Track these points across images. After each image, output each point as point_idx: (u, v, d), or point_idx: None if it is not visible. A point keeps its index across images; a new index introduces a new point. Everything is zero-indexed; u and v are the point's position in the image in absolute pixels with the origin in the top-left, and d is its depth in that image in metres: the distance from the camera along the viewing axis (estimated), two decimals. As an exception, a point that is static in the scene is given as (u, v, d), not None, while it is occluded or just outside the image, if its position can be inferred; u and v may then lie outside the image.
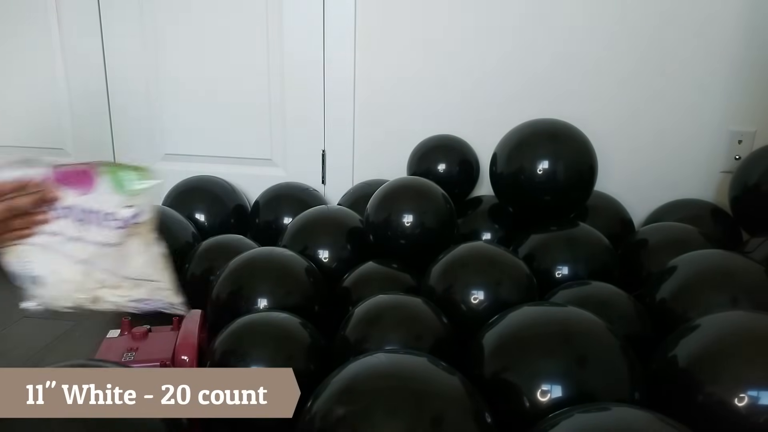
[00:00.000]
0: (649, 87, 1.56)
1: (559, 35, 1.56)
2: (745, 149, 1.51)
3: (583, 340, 0.77)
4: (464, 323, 1.02)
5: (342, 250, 1.32)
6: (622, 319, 0.96)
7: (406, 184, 1.34)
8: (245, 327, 0.96)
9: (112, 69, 1.77)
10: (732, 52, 1.50)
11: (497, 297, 1.04)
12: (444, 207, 1.31)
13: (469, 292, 1.05)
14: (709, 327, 0.79)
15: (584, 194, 1.39)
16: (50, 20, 1.74)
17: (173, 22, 1.71)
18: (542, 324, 0.80)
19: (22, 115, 1.84)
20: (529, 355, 0.77)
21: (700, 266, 1.02)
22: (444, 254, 1.14)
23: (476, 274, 1.07)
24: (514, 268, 1.09)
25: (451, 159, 1.58)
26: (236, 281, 1.12)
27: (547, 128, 1.40)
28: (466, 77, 1.63)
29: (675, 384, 0.76)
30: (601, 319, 0.80)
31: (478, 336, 0.85)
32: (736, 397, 0.69)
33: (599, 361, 0.75)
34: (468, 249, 1.13)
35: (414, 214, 1.26)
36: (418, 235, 1.26)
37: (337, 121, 1.72)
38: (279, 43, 1.68)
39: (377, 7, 1.62)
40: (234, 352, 0.93)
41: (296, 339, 0.96)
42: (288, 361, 0.91)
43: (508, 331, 0.82)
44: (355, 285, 1.18)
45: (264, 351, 0.93)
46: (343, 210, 1.44)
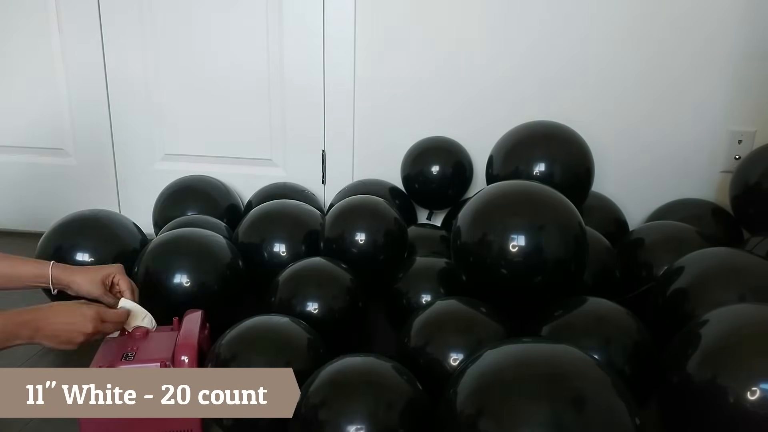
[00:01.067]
0: (649, 88, 1.55)
1: (556, 37, 1.56)
2: (745, 149, 1.51)
3: (572, 382, 0.66)
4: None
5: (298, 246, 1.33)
6: (622, 334, 0.94)
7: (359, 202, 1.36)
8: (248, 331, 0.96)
9: (112, 69, 1.77)
10: (732, 52, 1.50)
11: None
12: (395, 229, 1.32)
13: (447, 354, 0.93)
14: (719, 321, 0.79)
15: (581, 196, 1.39)
16: (50, 21, 1.74)
17: (173, 24, 1.71)
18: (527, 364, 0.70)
19: (22, 116, 1.83)
20: (512, 398, 0.66)
21: (709, 263, 1.02)
22: (420, 312, 1.03)
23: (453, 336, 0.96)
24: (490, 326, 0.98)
25: (445, 160, 1.58)
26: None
27: (544, 130, 1.40)
28: (463, 79, 1.63)
29: (689, 381, 0.76)
30: (589, 356, 0.71)
31: (452, 376, 0.75)
32: (749, 390, 0.69)
33: (592, 405, 0.65)
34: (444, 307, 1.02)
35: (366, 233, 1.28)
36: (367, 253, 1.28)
37: (337, 121, 1.72)
38: (279, 44, 1.68)
39: (377, 9, 1.62)
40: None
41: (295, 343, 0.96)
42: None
43: (489, 372, 0.70)
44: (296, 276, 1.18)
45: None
46: (305, 207, 1.44)
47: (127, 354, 0.95)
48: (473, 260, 1.05)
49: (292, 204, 1.44)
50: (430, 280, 1.18)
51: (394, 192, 1.63)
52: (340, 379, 0.81)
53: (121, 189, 1.87)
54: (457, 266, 1.12)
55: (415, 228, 1.47)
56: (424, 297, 1.15)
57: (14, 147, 1.86)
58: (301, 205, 1.44)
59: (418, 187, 1.61)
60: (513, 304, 1.06)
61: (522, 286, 1.03)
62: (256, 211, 1.41)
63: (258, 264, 1.31)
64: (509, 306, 1.05)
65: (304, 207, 1.43)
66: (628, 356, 0.92)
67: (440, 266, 1.20)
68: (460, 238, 1.08)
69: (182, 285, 1.16)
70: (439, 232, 1.46)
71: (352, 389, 0.79)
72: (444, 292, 1.15)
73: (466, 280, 1.09)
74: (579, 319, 0.96)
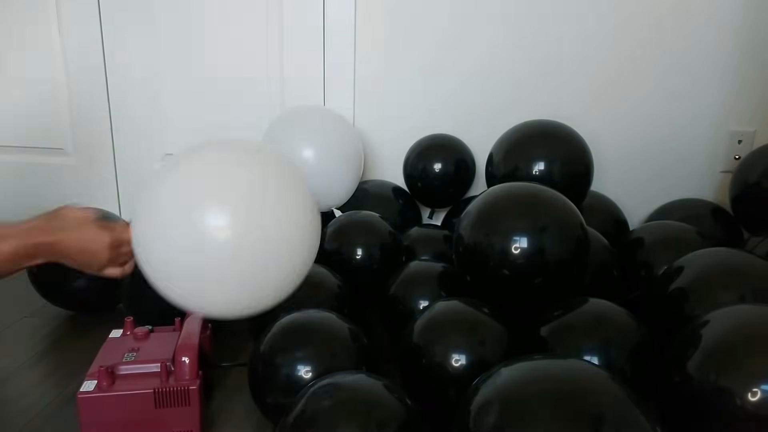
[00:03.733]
0: (649, 87, 1.55)
1: (557, 35, 1.56)
2: (745, 149, 1.52)
3: (591, 398, 0.64)
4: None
5: None
6: (622, 334, 0.94)
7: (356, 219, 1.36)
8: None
9: (112, 69, 1.77)
10: (732, 52, 1.50)
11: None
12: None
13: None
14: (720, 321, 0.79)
15: (580, 195, 1.39)
16: (50, 20, 1.74)
17: (174, 23, 1.71)
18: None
19: (22, 115, 1.83)
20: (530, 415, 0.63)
21: (709, 263, 1.02)
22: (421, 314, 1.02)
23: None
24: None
25: (447, 158, 1.58)
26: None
27: (544, 129, 1.40)
28: (465, 77, 1.63)
29: (689, 382, 0.76)
30: (604, 370, 0.70)
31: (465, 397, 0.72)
32: (750, 391, 0.69)
33: (613, 421, 0.62)
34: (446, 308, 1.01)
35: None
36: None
37: (338, 121, 1.72)
38: (279, 44, 1.68)
39: (376, 8, 1.62)
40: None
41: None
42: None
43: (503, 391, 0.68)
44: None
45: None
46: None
47: (129, 354, 0.96)
48: (476, 262, 1.06)
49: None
50: (426, 284, 1.17)
51: (397, 192, 1.63)
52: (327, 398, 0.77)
53: (121, 189, 1.87)
54: (460, 269, 1.13)
55: (418, 229, 1.47)
56: (420, 302, 1.14)
57: (14, 147, 1.86)
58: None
59: (420, 186, 1.61)
60: (514, 305, 1.06)
61: (524, 287, 1.03)
62: None
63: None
64: (510, 307, 1.05)
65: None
66: (628, 357, 0.91)
67: (437, 270, 1.20)
68: (462, 241, 1.08)
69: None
70: (442, 232, 1.46)
71: (340, 409, 0.76)
72: (441, 295, 1.14)
73: (470, 281, 1.10)
74: (579, 320, 0.96)
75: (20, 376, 1.13)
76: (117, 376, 0.92)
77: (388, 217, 1.43)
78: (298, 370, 0.89)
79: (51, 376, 1.14)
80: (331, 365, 0.89)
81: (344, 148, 1.54)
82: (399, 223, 1.52)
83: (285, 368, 0.90)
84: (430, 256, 1.37)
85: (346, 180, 1.54)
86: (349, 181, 1.55)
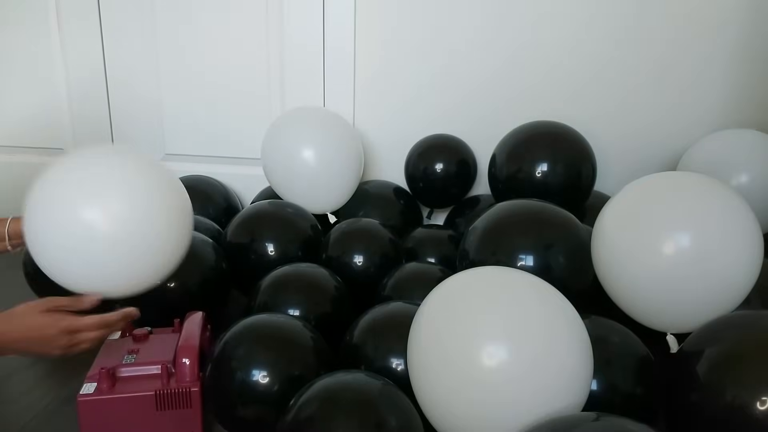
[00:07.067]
0: (649, 88, 1.55)
1: (559, 37, 1.56)
2: (746, 149, 1.51)
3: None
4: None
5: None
6: (624, 352, 0.91)
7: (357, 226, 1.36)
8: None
9: (112, 69, 1.76)
10: (732, 52, 1.50)
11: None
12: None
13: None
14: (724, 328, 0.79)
15: (583, 195, 1.39)
16: (50, 20, 1.74)
17: (173, 23, 1.71)
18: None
19: (22, 116, 1.83)
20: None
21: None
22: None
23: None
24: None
25: (449, 158, 1.58)
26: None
27: (547, 130, 1.40)
28: (466, 77, 1.62)
29: (695, 392, 0.76)
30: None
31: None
32: (759, 399, 0.69)
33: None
34: None
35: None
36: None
37: (338, 121, 1.72)
38: (279, 44, 1.68)
39: (377, 8, 1.61)
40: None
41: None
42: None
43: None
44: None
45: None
46: (296, 208, 1.43)
47: (128, 356, 0.96)
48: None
49: (282, 205, 1.43)
50: (421, 287, 1.15)
51: (399, 192, 1.63)
52: (330, 396, 0.78)
53: (121, 189, 1.86)
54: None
55: (422, 230, 1.47)
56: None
57: (14, 147, 1.85)
58: (291, 206, 1.43)
59: (422, 186, 1.61)
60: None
61: None
62: (245, 212, 1.40)
63: (245, 265, 1.30)
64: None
65: (294, 208, 1.42)
66: (635, 375, 0.88)
67: (432, 272, 1.19)
68: (468, 257, 1.09)
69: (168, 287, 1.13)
70: (447, 232, 1.45)
71: (341, 409, 0.76)
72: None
73: None
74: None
75: (20, 376, 1.13)
76: (117, 379, 0.92)
77: (389, 218, 1.43)
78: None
79: (51, 377, 1.13)
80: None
81: (344, 149, 1.53)
82: (400, 224, 1.52)
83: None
84: (435, 257, 1.36)
85: (346, 181, 1.54)
86: (349, 182, 1.55)
